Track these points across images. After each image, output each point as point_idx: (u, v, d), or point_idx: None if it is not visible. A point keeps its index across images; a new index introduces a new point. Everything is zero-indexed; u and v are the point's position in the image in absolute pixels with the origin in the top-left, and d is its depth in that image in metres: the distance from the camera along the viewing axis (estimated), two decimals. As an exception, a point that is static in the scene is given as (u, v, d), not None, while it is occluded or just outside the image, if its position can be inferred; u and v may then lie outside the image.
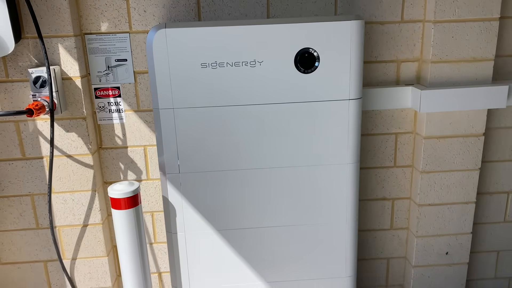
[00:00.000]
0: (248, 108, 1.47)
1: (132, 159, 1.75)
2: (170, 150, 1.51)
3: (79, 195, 1.70)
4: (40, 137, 1.63)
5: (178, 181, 1.54)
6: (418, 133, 1.76)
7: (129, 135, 1.72)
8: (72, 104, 1.60)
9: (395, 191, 1.87)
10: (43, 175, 1.67)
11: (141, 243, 1.48)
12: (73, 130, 1.63)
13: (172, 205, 1.56)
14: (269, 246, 1.63)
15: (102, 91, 1.67)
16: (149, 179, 1.78)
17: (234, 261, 1.63)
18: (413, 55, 1.71)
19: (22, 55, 1.54)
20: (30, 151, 1.64)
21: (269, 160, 1.53)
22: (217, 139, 1.50)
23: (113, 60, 1.64)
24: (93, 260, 1.78)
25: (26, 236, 1.74)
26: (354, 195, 1.59)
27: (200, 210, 1.57)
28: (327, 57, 1.44)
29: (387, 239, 1.94)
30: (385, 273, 2.00)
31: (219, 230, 1.59)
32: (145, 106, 1.69)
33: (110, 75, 1.65)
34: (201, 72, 1.43)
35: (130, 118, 1.70)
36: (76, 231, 1.74)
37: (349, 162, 1.55)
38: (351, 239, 1.64)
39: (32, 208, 1.70)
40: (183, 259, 1.62)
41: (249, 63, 1.43)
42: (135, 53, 1.64)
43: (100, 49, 1.62)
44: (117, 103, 1.68)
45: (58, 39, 1.53)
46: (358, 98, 1.50)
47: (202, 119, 1.48)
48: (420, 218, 1.83)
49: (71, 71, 1.57)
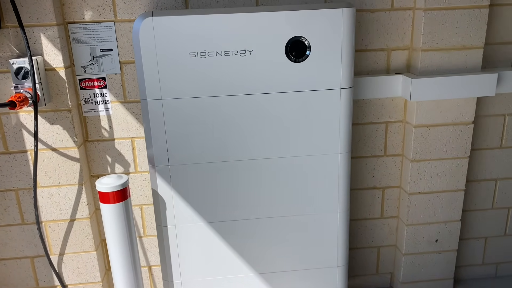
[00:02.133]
0: (238, 98, 1.44)
1: (119, 151, 1.71)
2: (159, 142, 1.47)
3: (65, 189, 1.66)
4: (24, 130, 1.58)
5: (167, 173, 1.51)
6: (408, 121, 1.75)
7: (116, 127, 1.68)
8: (56, 96, 1.55)
9: (385, 180, 1.87)
10: (28, 169, 1.62)
11: (131, 237, 1.45)
12: (58, 123, 1.58)
13: (162, 198, 1.54)
14: (260, 237, 1.61)
15: (87, 82, 1.62)
16: (137, 171, 1.75)
17: (225, 253, 1.62)
18: (403, 43, 1.70)
19: (2, 45, 1.48)
20: (13, 144, 1.59)
21: (260, 151, 1.51)
22: (207, 130, 1.47)
23: (98, 50, 1.59)
24: (81, 255, 1.75)
25: (11, 232, 1.69)
26: (346, 185, 1.59)
27: (190, 202, 1.54)
28: (318, 45, 1.41)
29: (378, 228, 1.95)
30: (376, 262, 2.01)
31: (209, 222, 1.57)
32: (132, 97, 1.65)
33: (95, 66, 1.60)
34: (189, 61, 1.39)
35: (117, 109, 1.66)
36: (63, 226, 1.70)
37: (341, 152, 1.54)
38: (342, 229, 1.64)
39: (17, 203, 1.66)
40: (174, 252, 1.60)
41: (239, 52, 1.40)
42: (121, 42, 1.59)
43: (84, 38, 1.57)
44: (103, 94, 1.64)
45: (40, 28, 1.48)
46: (350, 87, 1.48)
47: (191, 110, 1.45)
48: (410, 206, 1.83)
49: (55, 62, 1.52)
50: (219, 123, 1.47)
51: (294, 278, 1.68)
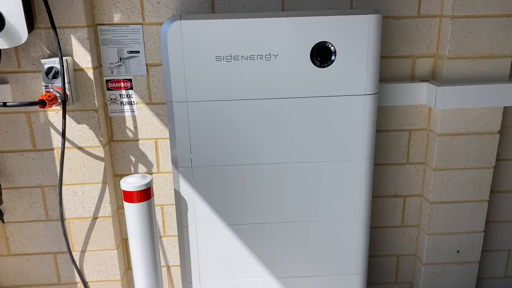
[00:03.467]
0: (262, 102, 1.45)
1: (143, 152, 1.73)
2: (183, 143, 1.49)
3: (89, 187, 1.69)
4: (51, 129, 1.61)
5: (190, 174, 1.52)
6: (432, 130, 1.74)
7: (141, 127, 1.70)
8: (83, 96, 1.58)
9: (407, 188, 1.85)
10: (54, 167, 1.66)
11: (153, 236, 1.47)
12: (85, 122, 1.61)
13: (184, 198, 1.55)
14: (280, 241, 1.61)
15: (114, 83, 1.65)
16: (160, 172, 1.77)
17: (244, 256, 1.62)
18: (429, 51, 1.68)
19: (34, 46, 1.52)
20: (41, 142, 1.63)
21: (282, 155, 1.51)
22: (231, 133, 1.48)
23: (126, 51, 1.62)
24: (102, 253, 1.77)
25: (36, 228, 1.73)
26: (368, 192, 1.58)
27: (212, 204, 1.56)
28: (343, 51, 1.42)
29: (398, 236, 1.93)
30: (395, 270, 1.99)
31: (230, 224, 1.58)
32: (157, 99, 1.68)
33: (122, 67, 1.64)
34: (215, 65, 1.41)
35: (142, 110, 1.69)
36: (86, 224, 1.73)
37: (364, 159, 1.53)
38: (363, 236, 1.63)
39: (42, 199, 1.69)
40: (194, 253, 1.61)
41: (264, 57, 1.41)
42: (148, 45, 1.62)
43: (112, 40, 1.61)
44: (128, 96, 1.67)
45: (71, 30, 1.51)
46: (374, 94, 1.48)
47: (215, 113, 1.46)
48: (432, 215, 1.81)
49: (83, 62, 1.55)
50: (243, 126, 1.48)
51: (313, 284, 1.67)
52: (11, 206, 1.70)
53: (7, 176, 1.66)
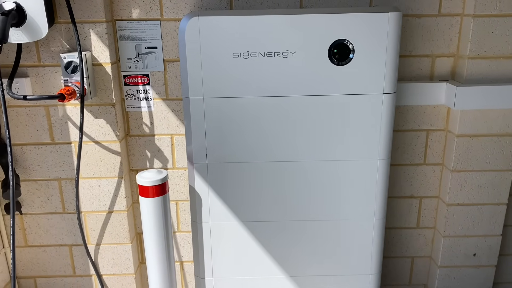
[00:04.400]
0: (279, 100, 1.45)
1: (159, 147, 1.74)
2: (199, 139, 1.49)
3: (105, 181, 1.70)
4: (69, 123, 1.63)
5: (205, 171, 1.53)
6: (451, 130, 1.71)
7: (157, 123, 1.71)
8: (101, 91, 1.60)
9: (423, 190, 1.83)
10: (71, 160, 1.68)
11: (167, 231, 1.48)
12: (102, 117, 1.63)
13: (199, 194, 1.56)
14: (294, 240, 1.61)
15: (131, 78, 1.66)
16: (175, 167, 1.78)
17: (258, 253, 1.62)
18: (449, 50, 1.66)
19: (54, 40, 1.54)
20: (59, 136, 1.65)
21: (298, 153, 1.51)
22: (246, 130, 1.48)
23: (143, 47, 1.63)
24: (117, 247, 1.79)
25: (53, 220, 1.75)
26: (383, 192, 1.56)
27: (226, 201, 1.56)
28: (362, 49, 1.40)
29: (413, 238, 1.90)
30: (409, 272, 1.96)
31: (244, 221, 1.58)
32: (173, 94, 1.68)
33: (140, 63, 1.64)
34: (232, 61, 1.41)
35: (158, 106, 1.69)
36: (101, 217, 1.75)
37: (380, 158, 1.52)
38: (377, 237, 1.61)
39: (59, 192, 1.72)
40: (207, 249, 1.61)
41: (282, 54, 1.40)
42: (166, 41, 1.62)
43: (130, 36, 1.62)
44: (145, 91, 1.68)
45: (90, 25, 1.53)
46: (393, 93, 1.46)
47: (232, 110, 1.46)
48: (448, 217, 1.78)
49: (102, 57, 1.56)
50: (258, 123, 1.47)
51: (326, 283, 1.67)
52: (29, 198, 1.72)
53: (26, 169, 1.68)
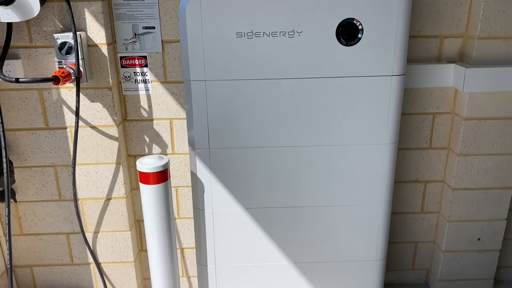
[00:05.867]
0: (284, 82, 1.39)
1: (157, 132, 1.68)
2: (200, 124, 1.44)
3: (103, 167, 1.64)
4: (64, 107, 1.56)
5: (207, 156, 1.48)
6: (458, 113, 1.67)
7: (155, 107, 1.65)
8: (97, 73, 1.53)
9: (428, 174, 1.79)
10: (67, 146, 1.61)
11: (169, 218, 1.43)
12: (98, 100, 1.56)
13: (201, 181, 1.51)
14: (297, 226, 1.57)
15: (128, 60, 1.59)
16: (175, 153, 1.72)
17: (261, 240, 1.58)
18: (457, 30, 1.60)
19: (46, 19, 1.46)
20: (53, 120, 1.58)
21: (303, 138, 1.46)
22: (250, 113, 1.43)
23: (141, 27, 1.55)
24: (115, 234, 1.74)
25: (49, 208, 1.70)
26: (390, 177, 1.52)
27: (229, 187, 1.51)
28: (371, 29, 1.34)
29: (417, 223, 1.88)
30: (412, 257, 1.94)
31: (247, 208, 1.54)
32: (172, 77, 1.62)
33: (137, 44, 1.57)
34: (236, 42, 1.34)
35: (157, 89, 1.63)
36: (99, 204, 1.70)
37: (388, 143, 1.47)
38: (383, 223, 1.58)
39: (55, 179, 1.66)
40: (210, 236, 1.57)
41: (288, 34, 1.34)
42: (164, 20, 1.55)
43: (127, 15, 1.54)
44: (143, 73, 1.61)
45: (85, 3, 1.45)
46: (402, 75, 1.41)
47: (235, 92, 1.40)
48: (454, 202, 1.76)
49: (97, 38, 1.49)
50: (263, 107, 1.42)
51: (331, 270, 1.64)
52: (23, 185, 1.66)
53: (19, 155, 1.62)
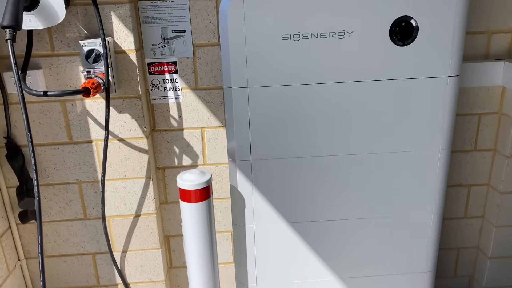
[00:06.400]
0: (332, 87, 1.29)
1: (188, 142, 1.57)
2: (242, 134, 1.33)
3: (131, 182, 1.53)
4: (89, 119, 1.44)
5: (248, 168, 1.37)
6: (506, 113, 1.58)
7: (186, 116, 1.54)
8: (125, 82, 1.41)
9: (472, 177, 1.70)
10: (92, 161, 1.49)
11: (212, 237, 1.32)
12: (126, 111, 1.44)
13: (241, 195, 1.40)
14: (345, 239, 1.47)
15: (157, 66, 1.48)
16: (206, 164, 1.61)
17: (305, 255, 1.48)
18: (506, 26, 1.51)
19: (69, 25, 1.34)
20: (77, 134, 1.46)
21: (352, 146, 1.36)
22: (296, 121, 1.32)
23: (170, 31, 1.44)
24: (145, 253, 1.63)
25: (73, 227, 1.58)
26: (443, 185, 1.43)
27: (272, 200, 1.40)
28: (427, 27, 1.24)
29: (459, 228, 1.79)
30: (454, 264, 1.85)
31: (291, 222, 1.43)
32: (204, 83, 1.50)
33: (166, 48, 1.46)
34: (281, 45, 1.24)
35: (187, 97, 1.52)
36: (128, 222, 1.58)
37: (442, 148, 1.37)
38: (434, 233, 1.48)
39: (80, 197, 1.54)
40: (251, 254, 1.47)
41: (337, 34, 1.24)
42: (195, 23, 1.43)
43: (155, 18, 1.42)
44: (173, 80, 1.49)
45: (111, 6, 1.33)
46: (457, 75, 1.31)
47: (279, 99, 1.29)
48: (502, 206, 1.67)
49: (125, 44, 1.37)
50: (309, 114, 1.31)
51: (378, 284, 1.54)
52: (46, 204, 1.54)
53: (41, 172, 1.49)
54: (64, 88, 1.40)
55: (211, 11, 1.42)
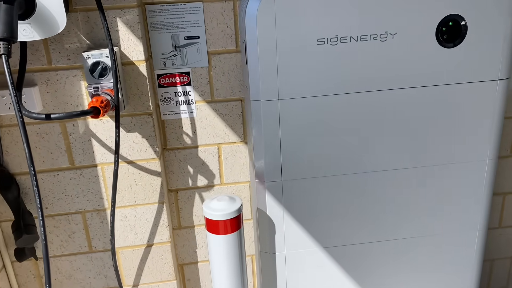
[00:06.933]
0: (374, 95, 1.15)
1: (203, 160, 1.41)
2: (272, 152, 1.17)
3: (142, 209, 1.36)
4: (94, 140, 1.27)
5: (279, 190, 1.22)
6: (545, 116, 1.47)
7: (200, 131, 1.38)
8: (134, 97, 1.24)
9: (508, 184, 1.59)
10: (97, 187, 1.32)
11: (242, 270, 1.17)
12: (136, 130, 1.27)
13: (271, 220, 1.24)
14: (384, 262, 1.33)
15: (168, 77, 1.31)
16: (223, 183, 1.45)
17: (343, 283, 1.33)
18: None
19: (69, 34, 1.16)
20: (80, 158, 1.28)
21: (392, 160, 1.22)
22: (334, 135, 1.17)
23: (182, 37, 1.28)
24: (158, 285, 1.46)
25: (77, 262, 1.40)
26: (489, 198, 1.30)
27: (306, 225, 1.26)
28: (476, 26, 1.11)
29: (494, 239, 1.67)
30: (488, 276, 1.74)
31: (328, 247, 1.29)
32: (220, 95, 1.35)
33: (178, 58, 1.29)
34: (317, 50, 1.09)
35: (202, 111, 1.36)
36: (139, 253, 1.41)
37: (490, 158, 1.25)
38: (480, 250, 1.36)
39: (84, 228, 1.36)
40: (281, 284, 1.31)
41: (379, 37, 1.10)
42: (209, 28, 1.28)
43: (165, 23, 1.26)
44: (186, 93, 1.33)
45: (117, 12, 1.16)
46: (507, 78, 1.19)
47: (315, 112, 1.15)
48: (541, 215, 1.56)
49: (134, 54, 1.20)
50: (348, 126, 1.17)
51: (420, 307, 1.41)
52: (45, 238, 1.36)
53: (39, 203, 1.31)
54: (63, 106, 1.22)
55: (228, 14, 1.27)
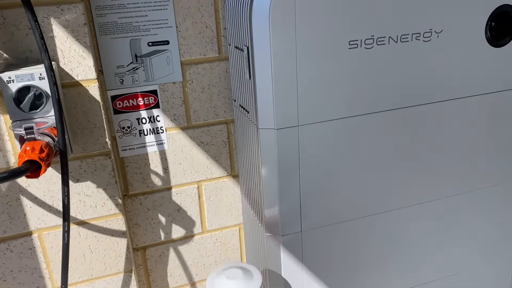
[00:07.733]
0: (418, 110, 0.89)
1: (178, 205, 1.06)
2: (289, 196, 0.87)
3: (102, 283, 0.98)
4: (24, 199, 0.87)
5: (298, 244, 0.91)
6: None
7: (174, 168, 1.03)
8: (83, 133, 0.86)
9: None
10: (35, 264, 0.92)
11: None
12: (88, 178, 0.89)
13: (288, 282, 0.94)
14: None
15: (127, 99, 0.94)
16: (205, 231, 1.12)
17: None
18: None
19: (-26, 46, 0.75)
20: (5, 226, 0.87)
21: (432, 189, 0.97)
22: (368, 167, 0.90)
23: (145, 44, 0.92)
24: None
25: None
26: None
27: (331, 283, 0.97)
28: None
29: None
30: None
31: (355, 304, 1.01)
32: (199, 118, 1.01)
33: (140, 71, 0.93)
34: (348, 55, 0.80)
35: (176, 141, 1.01)
36: None
37: (534, 175, 1.06)
38: (514, 277, 1.18)
39: (17, 321, 0.95)
40: None
41: (422, 35, 0.84)
42: (182, 29, 0.93)
43: (119, 25, 0.89)
44: (152, 119, 0.97)
45: (51, 10, 0.77)
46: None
47: (346, 138, 0.86)
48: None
49: (79, 71, 0.82)
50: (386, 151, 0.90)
51: None
52: None
53: None
54: (-27, 154, 0.80)
55: (207, 9, 0.93)
